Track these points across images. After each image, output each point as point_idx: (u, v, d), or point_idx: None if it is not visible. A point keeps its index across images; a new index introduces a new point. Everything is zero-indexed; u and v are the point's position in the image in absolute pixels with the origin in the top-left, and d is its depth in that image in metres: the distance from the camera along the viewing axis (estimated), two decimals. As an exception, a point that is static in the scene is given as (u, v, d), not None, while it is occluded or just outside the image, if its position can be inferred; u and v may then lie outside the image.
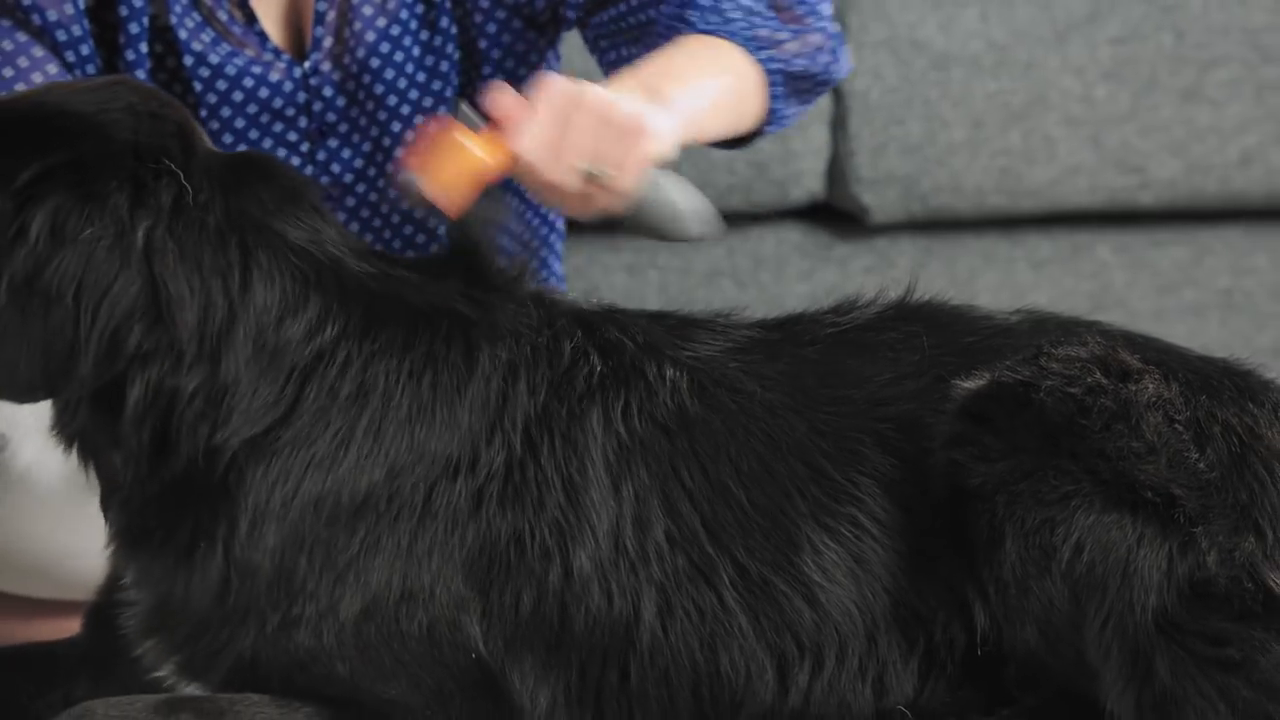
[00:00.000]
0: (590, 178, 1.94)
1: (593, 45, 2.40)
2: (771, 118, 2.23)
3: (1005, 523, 1.87)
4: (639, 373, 1.96)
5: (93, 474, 1.88)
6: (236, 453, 1.84)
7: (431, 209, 1.97)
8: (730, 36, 2.16)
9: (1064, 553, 1.84)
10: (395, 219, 2.43)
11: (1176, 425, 1.87)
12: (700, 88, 2.09)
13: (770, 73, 2.19)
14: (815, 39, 2.22)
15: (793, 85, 2.23)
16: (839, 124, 3.37)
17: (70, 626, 2.29)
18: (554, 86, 1.95)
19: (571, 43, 2.51)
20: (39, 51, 2.29)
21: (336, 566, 1.83)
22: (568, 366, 1.94)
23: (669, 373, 1.97)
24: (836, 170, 3.39)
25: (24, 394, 1.82)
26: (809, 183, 3.38)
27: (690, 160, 2.31)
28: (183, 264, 1.80)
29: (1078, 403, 1.88)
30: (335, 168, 2.42)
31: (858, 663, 1.92)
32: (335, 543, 1.84)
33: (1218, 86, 3.37)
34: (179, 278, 1.80)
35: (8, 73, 2.28)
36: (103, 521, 1.92)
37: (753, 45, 2.18)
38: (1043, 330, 2.01)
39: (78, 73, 2.33)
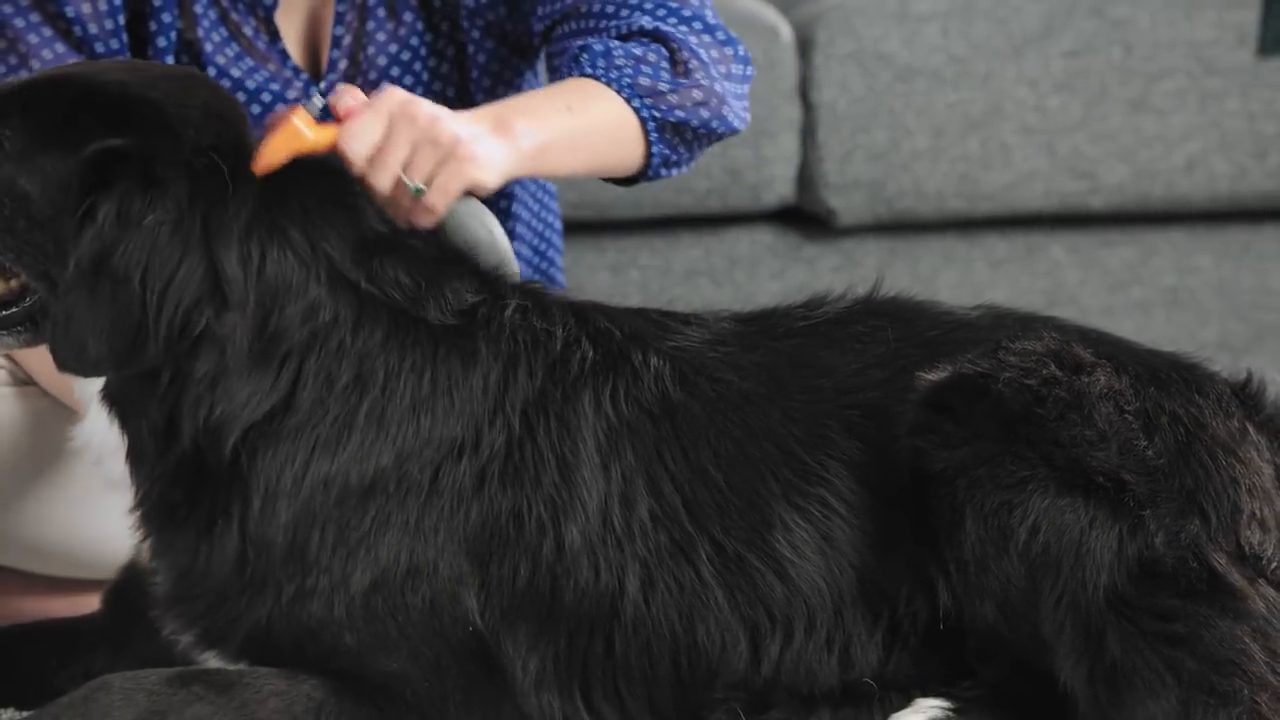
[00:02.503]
0: (403, 188, 1.95)
1: (549, 69, 2.41)
2: (653, 160, 2.24)
3: (965, 505, 1.87)
4: (626, 360, 1.96)
5: (125, 439, 1.87)
6: (245, 435, 1.84)
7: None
8: (611, 83, 2.20)
9: (1020, 534, 1.84)
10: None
11: (1127, 415, 1.87)
12: (555, 124, 2.11)
13: (645, 120, 2.22)
14: (697, 94, 2.23)
15: (674, 133, 2.25)
16: (808, 132, 3.37)
17: (86, 603, 2.30)
18: (393, 96, 1.96)
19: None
20: (74, 63, 2.28)
21: (348, 542, 1.83)
22: (561, 352, 1.94)
23: (654, 361, 1.97)
24: (806, 176, 3.39)
25: (90, 370, 1.81)
26: (780, 188, 3.39)
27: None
28: (229, 251, 1.80)
29: (1034, 393, 1.88)
30: None
31: (825, 635, 1.92)
32: (347, 520, 1.84)
33: (1164, 97, 3.38)
34: (232, 263, 1.80)
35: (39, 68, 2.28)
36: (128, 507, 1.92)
37: (630, 92, 2.20)
38: (1002, 325, 2.00)
39: None
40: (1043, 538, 1.84)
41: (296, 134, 1.90)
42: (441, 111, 1.99)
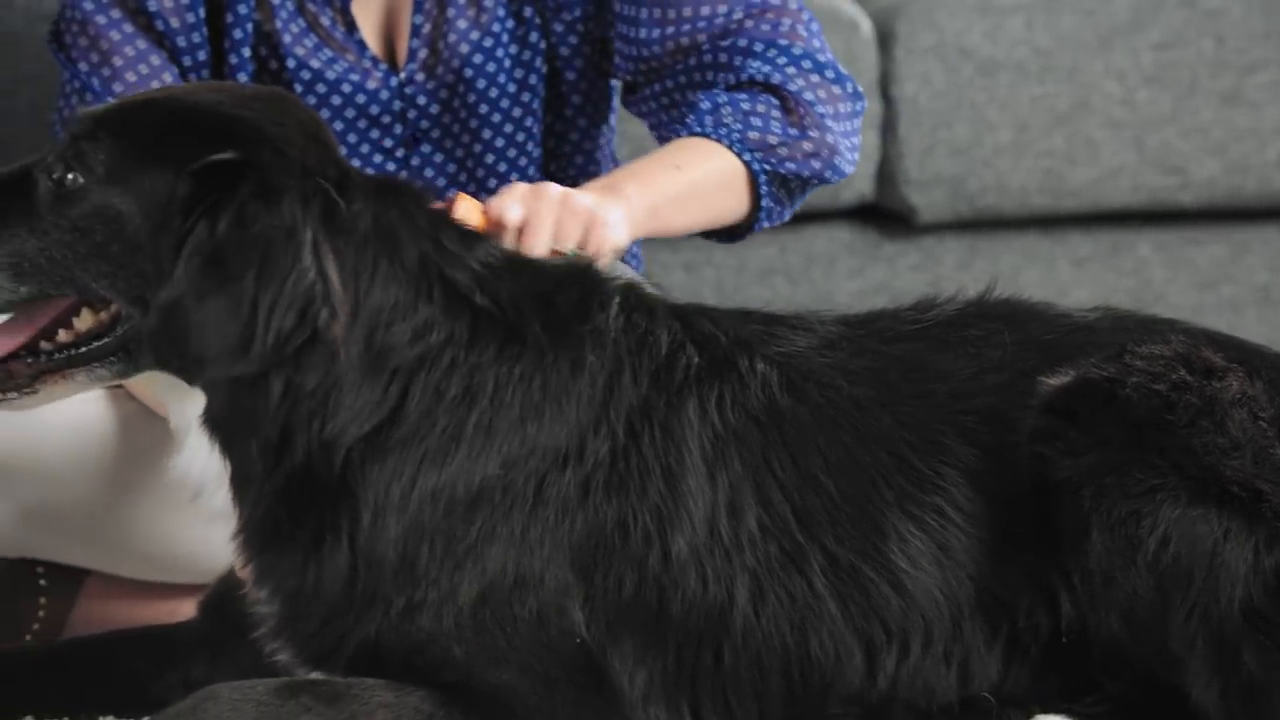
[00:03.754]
0: (560, 254, 2.06)
1: (644, 118, 2.44)
2: (760, 214, 2.29)
3: (1091, 515, 1.83)
4: (732, 366, 1.94)
5: (228, 464, 1.86)
6: (352, 451, 1.83)
7: None
8: (721, 139, 2.25)
9: (1150, 544, 1.81)
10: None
11: (1261, 422, 1.83)
12: (664, 183, 2.19)
13: (756, 173, 2.26)
14: (808, 146, 2.27)
15: (782, 186, 2.28)
16: (888, 128, 3.34)
17: (175, 608, 2.32)
18: (518, 187, 2.10)
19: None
20: (156, 60, 2.30)
21: (456, 554, 1.82)
22: (666, 358, 1.92)
23: (760, 367, 1.94)
24: (886, 172, 3.36)
25: (193, 366, 1.79)
26: (859, 184, 3.36)
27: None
28: (340, 264, 1.80)
29: (1163, 399, 1.84)
30: (428, 172, 2.42)
31: (943, 648, 1.89)
32: (454, 532, 1.82)
33: (1257, 90, 3.33)
34: (342, 275, 1.80)
35: (130, 77, 2.29)
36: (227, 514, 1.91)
37: (741, 146, 2.25)
38: (1123, 328, 1.97)
39: (191, 77, 2.34)
40: (1173, 549, 1.80)
41: (466, 214, 2.02)
42: (562, 188, 2.09)
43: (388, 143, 2.39)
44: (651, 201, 2.17)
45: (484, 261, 1.91)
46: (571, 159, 2.49)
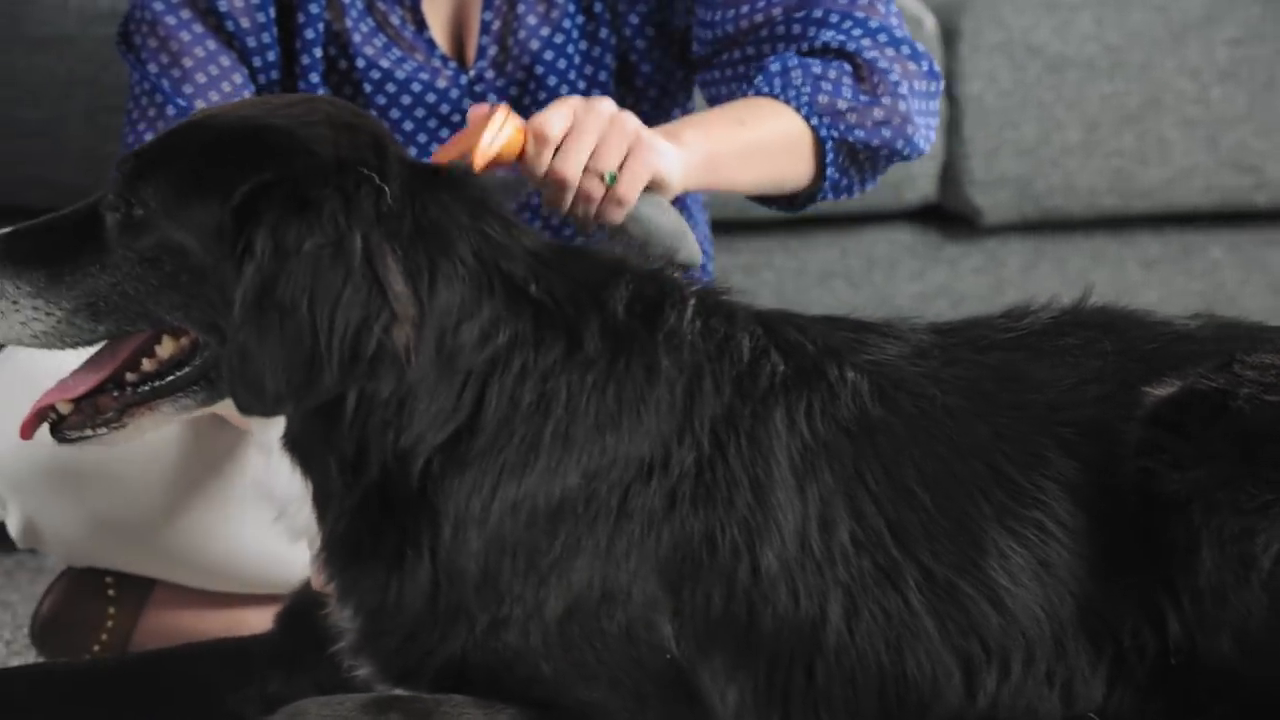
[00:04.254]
0: (595, 177, 1.98)
1: (707, 90, 2.38)
2: (826, 184, 2.22)
3: (1201, 530, 1.78)
4: (821, 374, 1.89)
5: (309, 483, 1.83)
6: (430, 462, 1.80)
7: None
8: (789, 100, 2.18)
9: (1264, 562, 1.76)
10: (555, 221, 2.38)
11: (1382, 434, 1.78)
12: (726, 135, 2.11)
13: (823, 139, 2.19)
14: (878, 113, 2.20)
15: (850, 156, 2.21)
16: (953, 127, 3.29)
17: (243, 618, 2.30)
18: (570, 99, 2.02)
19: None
20: (226, 60, 2.28)
21: (540, 569, 1.79)
22: (749, 365, 1.88)
23: (850, 375, 1.90)
24: (950, 173, 3.30)
25: (271, 407, 1.77)
26: (923, 185, 3.30)
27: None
28: (395, 267, 1.76)
29: (1277, 410, 1.79)
30: (497, 173, 2.38)
31: (1045, 668, 1.84)
32: (537, 546, 1.79)
33: (1336, 87, 3.28)
34: (399, 279, 1.76)
35: (200, 79, 2.28)
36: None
37: (809, 110, 2.18)
38: (1229, 336, 1.92)
39: (261, 78, 2.32)
40: (1290, 566, 1.75)
41: (502, 127, 1.94)
42: (617, 106, 2.00)
43: None
44: (710, 150, 2.08)
45: (532, 251, 1.87)
46: None
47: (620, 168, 1.98)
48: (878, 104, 2.20)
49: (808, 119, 2.18)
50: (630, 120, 2.00)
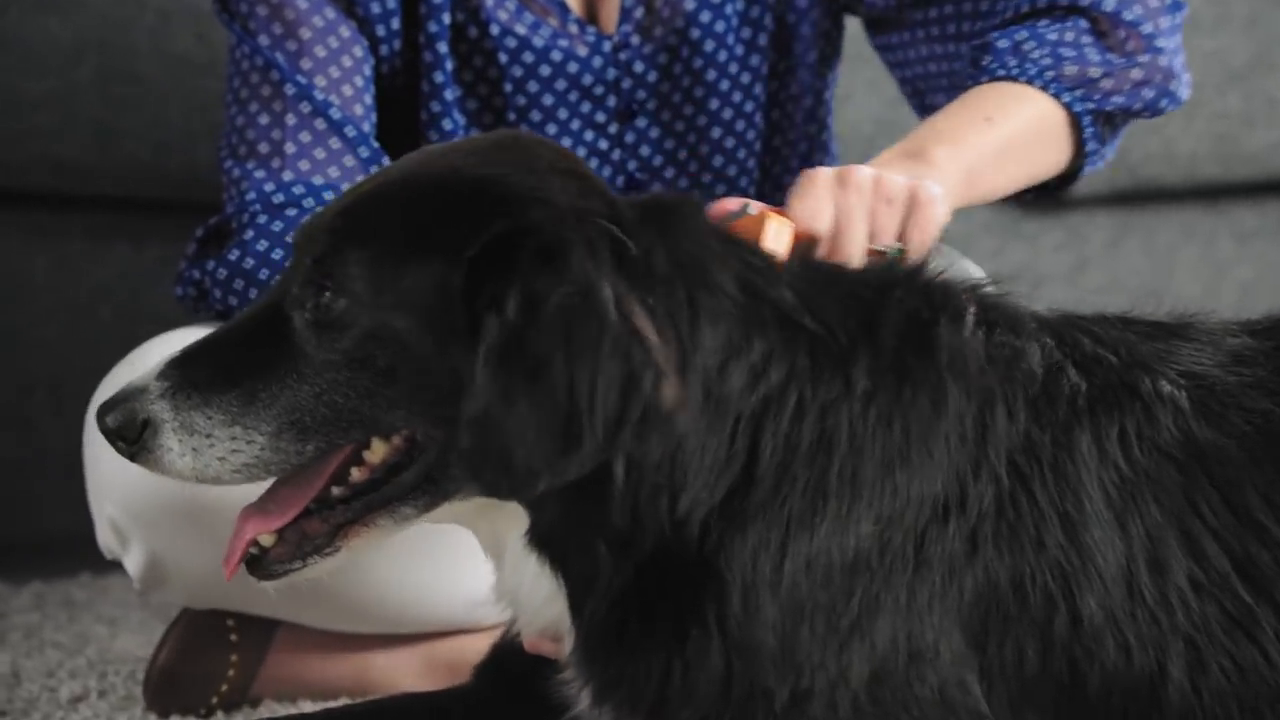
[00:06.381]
0: (879, 255, 1.82)
1: (896, 57, 2.20)
2: (1085, 161, 2.05)
3: None
4: (1131, 391, 1.70)
5: (562, 581, 1.64)
6: (707, 521, 1.61)
7: None
8: (1032, 80, 1.98)
9: None
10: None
11: None
12: (976, 143, 1.93)
13: (1079, 114, 2.00)
14: (1136, 73, 2.01)
15: (1107, 123, 2.03)
16: (1038, 90, 3.08)
17: (371, 661, 2.18)
18: (816, 175, 1.83)
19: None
20: (346, 31, 2.10)
21: (839, 631, 1.62)
22: (1044, 385, 1.69)
23: (1166, 390, 1.70)
24: (1034, 140, 3.10)
25: (523, 483, 1.56)
26: (1001, 155, 3.10)
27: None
28: (650, 313, 1.57)
29: None
30: (644, 150, 2.22)
31: None
32: (834, 606, 1.62)
33: None
34: (661, 324, 1.57)
35: (320, 52, 2.08)
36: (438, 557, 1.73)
37: (1056, 87, 1.98)
38: None
39: (383, 48, 2.14)
40: None
41: (778, 236, 1.75)
42: (869, 170, 1.82)
43: (600, 117, 2.18)
44: (966, 165, 1.91)
45: (794, 273, 1.69)
46: (802, 127, 2.28)
47: (900, 235, 1.81)
48: (1134, 63, 2.00)
49: (1057, 96, 1.98)
50: (891, 183, 1.81)
